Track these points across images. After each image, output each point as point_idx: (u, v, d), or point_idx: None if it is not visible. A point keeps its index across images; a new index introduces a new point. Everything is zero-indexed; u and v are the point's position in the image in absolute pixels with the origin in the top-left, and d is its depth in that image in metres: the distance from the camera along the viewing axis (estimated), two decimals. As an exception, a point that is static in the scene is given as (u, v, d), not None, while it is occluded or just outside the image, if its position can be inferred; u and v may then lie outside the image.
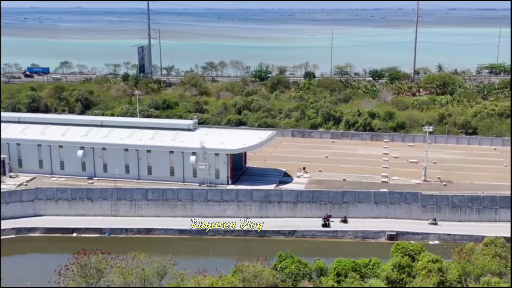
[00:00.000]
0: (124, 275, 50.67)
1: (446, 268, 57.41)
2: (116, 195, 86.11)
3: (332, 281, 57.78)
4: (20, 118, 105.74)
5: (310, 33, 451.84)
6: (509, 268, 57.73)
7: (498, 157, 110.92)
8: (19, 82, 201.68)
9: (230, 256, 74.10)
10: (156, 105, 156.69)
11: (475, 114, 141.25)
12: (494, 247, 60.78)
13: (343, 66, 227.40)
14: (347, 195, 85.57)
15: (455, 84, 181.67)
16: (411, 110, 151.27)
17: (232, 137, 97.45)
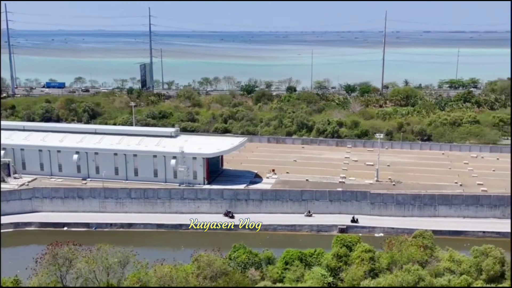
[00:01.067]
0: (89, 263, 50.35)
1: (378, 257, 57.27)
2: (104, 194, 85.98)
3: (277, 269, 57.53)
4: (25, 126, 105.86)
5: (299, 52, 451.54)
6: (433, 257, 57.61)
7: (445, 161, 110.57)
8: (37, 95, 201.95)
9: (198, 247, 73.61)
10: (153, 115, 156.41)
11: (430, 123, 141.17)
12: (422, 239, 60.69)
13: (322, 81, 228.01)
14: (305, 194, 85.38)
15: (417, 97, 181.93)
16: (375, 119, 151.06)
17: (209, 143, 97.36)
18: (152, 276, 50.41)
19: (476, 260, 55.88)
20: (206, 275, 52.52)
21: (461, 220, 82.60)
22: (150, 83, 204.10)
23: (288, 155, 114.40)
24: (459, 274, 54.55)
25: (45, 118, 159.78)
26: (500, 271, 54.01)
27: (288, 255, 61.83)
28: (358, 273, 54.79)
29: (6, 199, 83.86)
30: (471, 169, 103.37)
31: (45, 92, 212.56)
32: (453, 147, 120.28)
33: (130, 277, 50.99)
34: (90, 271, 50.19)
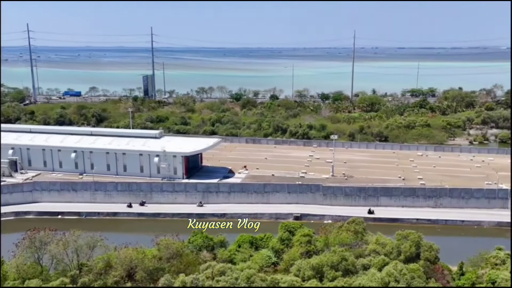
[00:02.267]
0: (60, 246, 50.58)
1: (315, 241, 57.53)
2: (94, 187, 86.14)
3: (228, 251, 57.71)
4: (31, 129, 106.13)
5: (286, 65, 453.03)
6: (363, 241, 57.84)
7: (394, 159, 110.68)
8: (55, 102, 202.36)
9: (170, 233, 73.79)
10: (151, 119, 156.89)
11: (387, 126, 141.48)
12: (354, 225, 60.83)
13: (302, 90, 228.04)
14: (267, 187, 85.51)
15: (380, 103, 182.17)
16: (341, 123, 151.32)
17: (188, 143, 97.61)
18: (115, 257, 50.65)
19: (398, 243, 56.02)
20: (163, 256, 52.86)
21: (400, 209, 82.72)
22: (151, 92, 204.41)
23: (261, 154, 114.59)
24: (382, 255, 54.78)
25: (59, 122, 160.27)
26: (415, 252, 54.06)
27: (241, 239, 62.22)
28: (295, 254, 55.06)
29: (9, 191, 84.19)
30: (415, 165, 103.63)
31: (63, 100, 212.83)
32: (403, 147, 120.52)
33: (97, 259, 51.22)
34: (60, 253, 50.50)
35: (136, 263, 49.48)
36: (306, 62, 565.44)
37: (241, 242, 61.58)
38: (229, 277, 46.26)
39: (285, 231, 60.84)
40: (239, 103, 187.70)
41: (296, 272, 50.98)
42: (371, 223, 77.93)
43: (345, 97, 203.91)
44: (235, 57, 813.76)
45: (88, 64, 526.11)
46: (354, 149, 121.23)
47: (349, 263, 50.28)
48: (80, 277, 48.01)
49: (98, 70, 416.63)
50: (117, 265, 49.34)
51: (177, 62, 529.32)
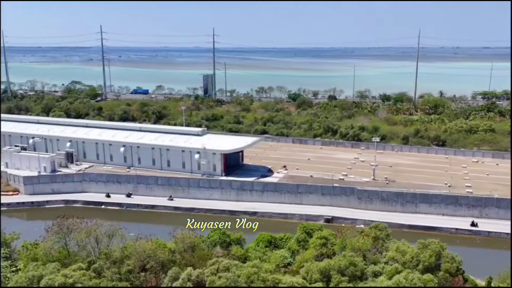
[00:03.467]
0: (83, 233, 53.75)
1: (332, 244, 56.32)
2: (136, 180, 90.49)
3: (242, 249, 58.10)
4: (87, 124, 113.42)
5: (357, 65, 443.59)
6: (383, 247, 55.75)
7: (445, 164, 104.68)
8: (123, 100, 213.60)
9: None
10: (207, 118, 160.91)
11: (445, 130, 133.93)
12: (376, 231, 58.68)
13: (363, 91, 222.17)
14: (300, 187, 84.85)
15: (444, 106, 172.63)
16: (397, 125, 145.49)
17: (228, 141, 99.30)
18: (131, 247, 52.97)
19: (418, 252, 53.36)
20: (177, 249, 54.55)
21: (440, 217, 78.28)
22: (211, 91, 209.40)
23: (305, 154, 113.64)
24: (401, 263, 52.51)
25: (122, 118, 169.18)
26: (435, 263, 51.17)
27: (261, 237, 62.53)
28: (307, 256, 54.41)
29: (62, 181, 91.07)
30: (466, 172, 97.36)
31: (130, 97, 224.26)
32: (458, 152, 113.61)
33: (115, 247, 53.84)
34: (82, 240, 53.78)
35: (149, 254, 51.40)
36: (378, 61, 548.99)
37: (260, 240, 61.86)
38: (232, 274, 46.69)
39: (302, 232, 60.27)
40: (295, 103, 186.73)
41: (304, 274, 50.42)
42: (406, 231, 74.97)
43: (407, 98, 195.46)
44: (305, 57, 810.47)
45: (162, 64, 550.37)
46: (405, 152, 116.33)
47: (358, 269, 48.73)
48: (95, 263, 50.64)
49: (170, 70, 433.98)
50: (131, 255, 51.57)
51: (244, 62, 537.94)
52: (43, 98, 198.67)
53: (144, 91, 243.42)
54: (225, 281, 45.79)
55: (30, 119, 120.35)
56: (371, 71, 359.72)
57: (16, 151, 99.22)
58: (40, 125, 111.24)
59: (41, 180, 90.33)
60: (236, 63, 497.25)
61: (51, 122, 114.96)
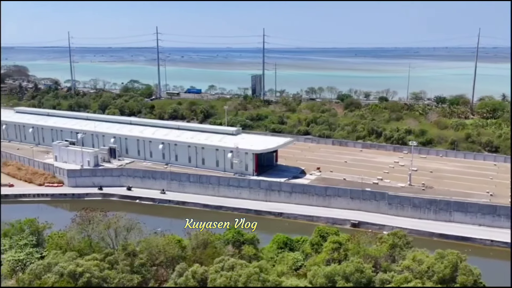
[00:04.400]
0: (102, 226, 56.26)
1: (345, 249, 54.92)
2: (170, 176, 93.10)
3: (254, 249, 57.95)
4: (131, 121, 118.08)
5: (418, 66, 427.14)
6: (400, 255, 53.65)
7: (491, 172, 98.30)
8: (176, 98, 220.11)
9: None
10: (251, 117, 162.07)
11: (500, 136, 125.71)
12: (394, 238, 56.42)
13: (418, 92, 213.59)
14: (329, 190, 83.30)
15: (504, 110, 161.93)
16: (448, 129, 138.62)
17: (261, 141, 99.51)
18: (146, 241, 54.68)
19: (433, 262, 50.77)
20: (189, 245, 55.78)
21: (476, 227, 73.71)
22: (259, 91, 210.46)
23: (343, 157, 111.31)
24: (415, 273, 50.31)
25: (172, 116, 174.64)
26: (450, 275, 48.42)
27: (277, 238, 62.26)
28: (317, 260, 53.57)
29: (102, 175, 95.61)
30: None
31: (183, 97, 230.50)
32: (508, 159, 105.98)
33: (132, 241, 55.72)
34: (100, 232, 56.30)
35: (159, 249, 52.88)
36: (442, 62, 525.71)
37: (275, 242, 61.57)
38: (234, 273, 46.92)
39: (317, 236, 59.29)
40: (343, 104, 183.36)
41: (311, 277, 49.69)
42: (436, 240, 71.77)
43: (464, 101, 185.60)
44: (366, 57, 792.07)
45: (220, 64, 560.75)
46: (450, 158, 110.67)
47: (365, 276, 47.26)
48: (111, 255, 52.80)
49: (225, 70, 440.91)
50: (143, 249, 53.31)
51: (301, 63, 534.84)
52: (101, 96, 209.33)
53: (197, 90, 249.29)
54: (225, 279, 46.16)
55: (80, 116, 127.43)
56: (431, 72, 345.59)
57: (64, 146, 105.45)
58: (88, 121, 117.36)
59: (83, 174, 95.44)
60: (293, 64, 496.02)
61: (98, 119, 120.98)
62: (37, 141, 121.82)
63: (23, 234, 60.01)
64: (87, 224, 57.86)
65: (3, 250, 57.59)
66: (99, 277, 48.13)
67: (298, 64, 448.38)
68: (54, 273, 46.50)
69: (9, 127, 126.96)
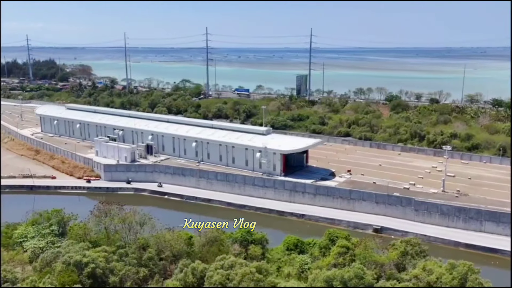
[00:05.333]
0: (117, 220, 58.55)
1: (351, 254, 53.58)
2: (199, 174, 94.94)
3: (260, 249, 57.80)
4: (169, 119, 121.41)
5: (481, 66, 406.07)
6: (411, 263, 51.71)
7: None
8: (223, 98, 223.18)
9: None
10: (292, 118, 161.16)
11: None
12: (406, 245, 54.29)
13: (474, 94, 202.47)
14: (353, 193, 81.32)
15: None
16: (499, 134, 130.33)
17: (290, 142, 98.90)
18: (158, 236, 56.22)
19: (442, 272, 48.35)
20: (199, 241, 56.85)
21: (508, 239, 68.94)
22: (304, 91, 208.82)
23: (378, 160, 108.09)
24: (424, 283, 48.29)
25: (216, 115, 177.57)
26: (458, 286, 45.86)
27: (288, 239, 61.86)
28: (322, 264, 52.78)
29: (136, 171, 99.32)
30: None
31: (231, 96, 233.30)
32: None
33: (145, 235, 57.43)
34: (114, 225, 58.64)
35: (165, 245, 54.31)
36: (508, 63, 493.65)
37: (286, 243, 61.18)
38: (233, 272, 47.27)
39: (326, 239, 58.25)
40: (389, 105, 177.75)
41: (311, 281, 49.06)
42: (462, 249, 68.22)
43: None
44: (427, 57, 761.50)
45: (275, 64, 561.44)
46: (494, 164, 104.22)
47: (364, 282, 45.98)
48: (122, 248, 54.84)
49: (279, 70, 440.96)
50: (153, 244, 54.93)
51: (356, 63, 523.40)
52: (152, 95, 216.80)
53: (245, 90, 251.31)
54: (220, 277, 46.61)
55: (123, 113, 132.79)
56: (494, 73, 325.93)
57: (104, 141, 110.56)
58: (130, 119, 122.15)
59: (118, 169, 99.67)
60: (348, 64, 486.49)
61: (139, 116, 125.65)
62: (83, 137, 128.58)
63: (48, 224, 63.62)
64: (104, 217, 60.57)
65: (30, 237, 61.48)
66: (104, 268, 50.20)
67: (353, 65, 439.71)
68: (61, 262, 49.06)
69: (59, 122, 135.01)
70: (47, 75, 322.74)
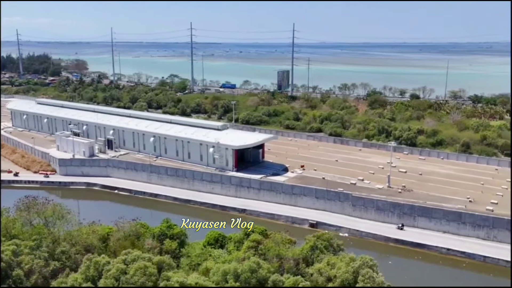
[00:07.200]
0: (34, 213, 59.17)
1: (261, 249, 53.93)
2: (150, 169, 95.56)
3: (175, 243, 58.06)
4: (130, 114, 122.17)
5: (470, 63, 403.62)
6: (316, 255, 52.06)
7: (487, 177, 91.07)
8: (207, 93, 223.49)
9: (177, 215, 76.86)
10: (268, 113, 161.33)
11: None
12: (316, 240, 54.52)
13: (457, 91, 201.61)
14: (295, 188, 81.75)
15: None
16: (468, 130, 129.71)
17: (243, 137, 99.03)
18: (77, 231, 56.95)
19: (341, 266, 48.73)
20: (115, 236, 57.44)
21: (438, 234, 69.07)
22: (284, 87, 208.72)
23: (335, 155, 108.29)
24: (325, 277, 48.76)
25: (194, 111, 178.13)
26: (352, 280, 46.16)
27: (208, 234, 62.30)
28: (229, 258, 53.38)
29: (90, 165, 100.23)
30: (505, 187, 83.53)
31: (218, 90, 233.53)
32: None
33: (59, 229, 58.02)
34: (28, 219, 59.32)
35: (78, 239, 55.03)
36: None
37: (208, 237, 61.66)
38: (131, 266, 47.81)
39: (242, 233, 58.85)
40: (366, 101, 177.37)
41: (211, 275, 49.66)
42: (392, 245, 68.48)
43: (503, 100, 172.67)
44: (430, 52, 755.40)
45: (274, 59, 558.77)
46: (450, 160, 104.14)
47: (255, 276, 46.47)
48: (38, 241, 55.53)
49: (274, 65, 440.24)
50: (65, 238, 55.68)
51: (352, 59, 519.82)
52: (134, 89, 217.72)
53: (231, 85, 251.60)
54: (115, 271, 47.18)
55: (88, 108, 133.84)
56: (490, 69, 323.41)
57: (65, 136, 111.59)
58: (94, 113, 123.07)
59: (73, 163, 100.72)
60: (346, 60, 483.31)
61: (102, 111, 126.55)
62: (51, 131, 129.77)
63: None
64: (25, 210, 61.38)
65: None
66: (9, 261, 51.01)
67: (351, 60, 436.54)
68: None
69: (29, 117, 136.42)
70: (39, 70, 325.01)
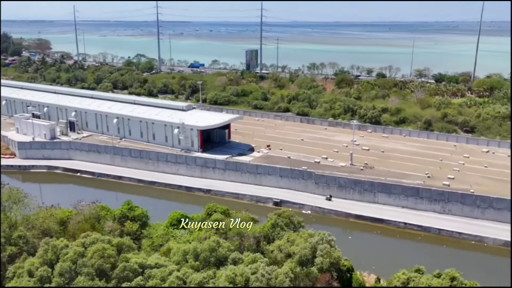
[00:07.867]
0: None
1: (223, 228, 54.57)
2: (113, 151, 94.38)
3: (136, 225, 58.07)
4: (92, 95, 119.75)
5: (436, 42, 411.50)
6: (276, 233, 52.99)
7: (446, 153, 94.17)
8: (175, 73, 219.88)
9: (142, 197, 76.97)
10: (237, 93, 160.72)
11: (478, 115, 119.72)
12: (277, 217, 55.41)
13: (422, 69, 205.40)
14: (260, 168, 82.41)
15: (502, 88, 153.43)
16: (431, 108, 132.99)
17: (208, 118, 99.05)
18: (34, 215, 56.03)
19: (300, 242, 49.90)
20: (74, 219, 56.91)
21: (397, 209, 71.39)
22: (253, 66, 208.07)
23: (302, 135, 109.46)
24: (283, 253, 49.80)
25: (161, 91, 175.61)
26: (310, 255, 47.21)
27: (171, 215, 62.44)
28: (189, 238, 53.76)
29: (51, 148, 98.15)
30: (462, 163, 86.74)
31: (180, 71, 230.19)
32: (472, 140, 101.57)
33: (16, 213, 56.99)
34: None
35: (35, 223, 54.22)
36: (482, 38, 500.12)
37: (170, 218, 61.78)
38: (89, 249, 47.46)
39: (205, 213, 59.41)
40: (334, 80, 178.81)
41: (172, 255, 50.02)
42: (352, 220, 70.29)
43: (465, 79, 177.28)
44: (399, 32, 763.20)
45: (244, 38, 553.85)
46: (412, 138, 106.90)
47: (215, 254, 47.06)
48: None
49: (243, 44, 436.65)
50: (22, 223, 54.76)
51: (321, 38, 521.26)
52: (99, 70, 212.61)
53: (199, 65, 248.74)
54: (72, 255, 46.88)
55: (49, 89, 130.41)
56: (455, 47, 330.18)
57: (25, 118, 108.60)
58: (54, 95, 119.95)
59: (33, 146, 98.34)
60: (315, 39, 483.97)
61: (64, 92, 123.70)
62: (10, 114, 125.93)
63: None
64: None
65: None
66: (-38, 247, 50.01)
67: (320, 40, 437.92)
68: None
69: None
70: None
